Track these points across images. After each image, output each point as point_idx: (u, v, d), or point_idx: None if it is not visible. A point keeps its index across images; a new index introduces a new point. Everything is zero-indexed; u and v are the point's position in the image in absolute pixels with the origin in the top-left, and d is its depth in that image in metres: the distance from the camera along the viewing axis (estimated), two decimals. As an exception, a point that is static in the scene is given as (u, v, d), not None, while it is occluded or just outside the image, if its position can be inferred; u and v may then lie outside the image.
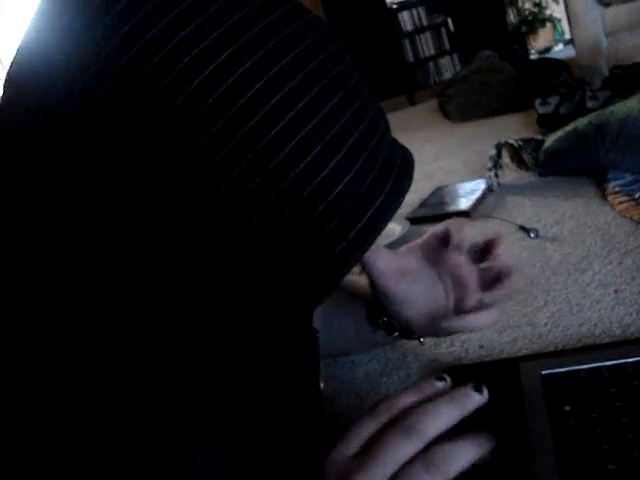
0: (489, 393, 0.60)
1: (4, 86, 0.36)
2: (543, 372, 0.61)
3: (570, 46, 3.88)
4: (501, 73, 2.21)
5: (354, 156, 0.35)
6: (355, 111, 0.36)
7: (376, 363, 0.75)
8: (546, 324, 0.73)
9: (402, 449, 0.44)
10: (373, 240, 0.36)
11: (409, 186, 0.39)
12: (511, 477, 0.49)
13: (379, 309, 0.67)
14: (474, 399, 0.49)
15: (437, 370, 0.70)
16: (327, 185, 0.34)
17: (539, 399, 0.58)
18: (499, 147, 1.31)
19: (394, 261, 0.63)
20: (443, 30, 3.75)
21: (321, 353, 0.65)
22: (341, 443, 0.46)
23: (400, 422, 0.46)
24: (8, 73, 0.36)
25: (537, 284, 0.84)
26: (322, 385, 0.64)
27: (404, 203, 1.25)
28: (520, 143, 1.29)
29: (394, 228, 1.23)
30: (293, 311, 0.36)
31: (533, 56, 3.38)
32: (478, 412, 0.58)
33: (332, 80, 0.35)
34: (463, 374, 0.67)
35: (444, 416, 0.47)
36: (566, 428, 0.53)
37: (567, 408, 0.55)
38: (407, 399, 0.50)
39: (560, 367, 0.61)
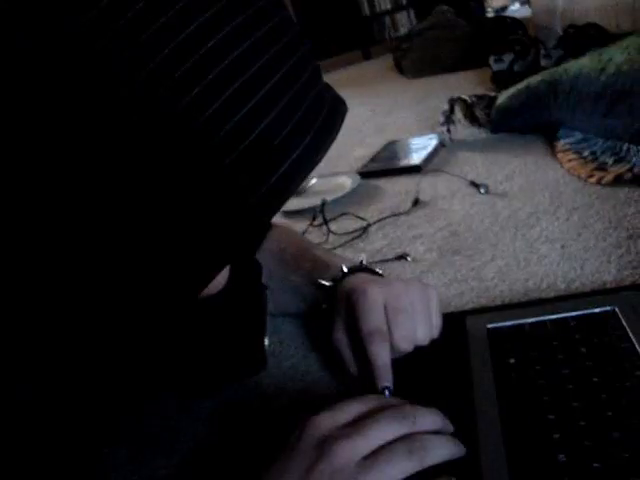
0: (436, 345, 0.60)
1: None
2: (489, 325, 0.61)
3: (527, 6, 3.88)
4: (456, 29, 2.19)
5: (273, 98, 0.33)
6: (277, 53, 0.34)
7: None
8: (493, 278, 0.73)
9: (391, 429, 0.46)
10: (294, 188, 0.35)
11: (333, 138, 0.37)
12: (456, 428, 0.49)
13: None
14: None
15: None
16: (246, 125, 0.32)
17: (484, 352, 0.58)
18: (452, 103, 1.30)
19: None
20: (400, -17, 3.71)
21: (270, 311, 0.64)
22: (328, 411, 0.47)
23: (394, 408, 0.48)
24: None
25: (485, 239, 0.84)
26: (267, 341, 0.63)
27: (356, 157, 1.24)
28: (473, 99, 1.28)
29: (345, 182, 1.22)
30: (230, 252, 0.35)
31: (489, 14, 3.37)
32: (426, 365, 0.58)
33: (251, 18, 0.33)
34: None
35: (436, 421, 0.49)
36: (509, 380, 0.53)
37: (511, 361, 0.55)
38: (396, 400, 0.52)
39: (505, 321, 0.61)
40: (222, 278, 0.41)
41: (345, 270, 0.66)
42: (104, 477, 0.54)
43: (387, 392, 0.54)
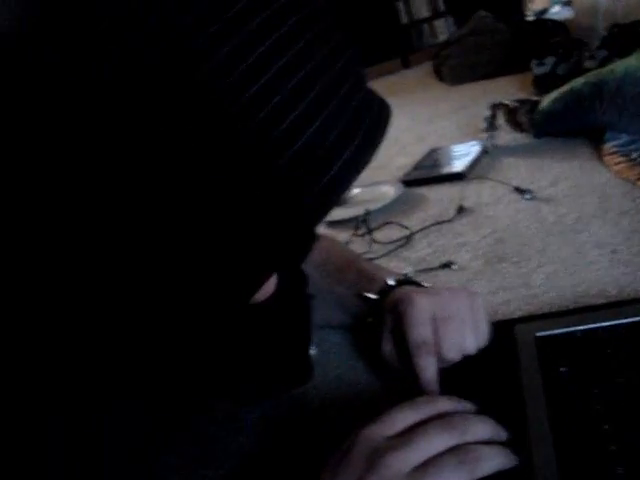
0: (483, 355, 0.59)
1: None
2: (537, 334, 0.60)
3: (568, 7, 3.82)
4: (496, 34, 2.17)
5: (322, 101, 0.33)
6: (325, 56, 0.34)
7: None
8: (541, 285, 0.72)
9: (441, 440, 0.46)
10: (342, 191, 0.34)
11: (380, 140, 0.37)
12: (507, 443, 0.49)
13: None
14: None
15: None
16: (296, 128, 0.32)
17: (533, 361, 0.57)
18: (494, 108, 1.28)
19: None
20: (438, -9, 3.68)
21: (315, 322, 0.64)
22: (377, 422, 0.47)
23: (443, 418, 0.48)
24: None
25: (532, 245, 0.82)
26: (313, 350, 0.64)
27: (398, 165, 1.24)
28: (515, 104, 1.27)
29: (388, 191, 1.21)
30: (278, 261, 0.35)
31: (530, 18, 3.33)
32: (474, 374, 0.57)
33: (296, 24, 0.33)
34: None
35: (487, 429, 0.48)
36: (560, 390, 0.52)
37: (562, 370, 0.54)
38: (448, 403, 0.51)
39: (555, 329, 0.60)
40: (271, 284, 0.41)
41: (391, 283, 0.66)
42: None
43: None
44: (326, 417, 0.60)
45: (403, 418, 0.48)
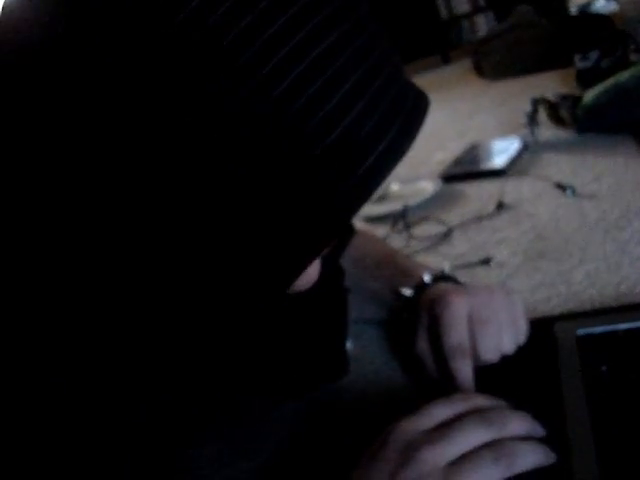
0: (523, 352, 0.58)
1: None
2: (578, 332, 0.59)
3: (613, 0, 3.74)
4: (538, 29, 2.13)
5: (358, 91, 0.33)
6: (361, 46, 0.34)
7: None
8: (582, 282, 0.70)
9: (477, 435, 0.45)
10: (379, 182, 0.34)
11: (417, 131, 0.37)
12: (545, 439, 0.48)
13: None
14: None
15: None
16: (332, 117, 0.32)
17: (574, 360, 0.56)
18: (535, 103, 1.26)
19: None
20: (479, -15, 3.64)
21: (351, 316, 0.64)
22: (413, 416, 0.47)
23: (481, 413, 0.48)
24: None
25: (573, 242, 0.81)
26: (349, 345, 0.64)
27: (437, 161, 1.23)
28: (557, 99, 1.24)
29: (426, 186, 1.20)
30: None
31: (573, 11, 3.26)
32: (512, 373, 0.57)
33: (330, 15, 0.33)
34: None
35: (524, 425, 0.48)
36: (601, 389, 0.51)
37: (603, 369, 0.53)
38: (484, 399, 0.51)
39: (596, 326, 0.59)
40: (315, 272, 0.41)
41: (427, 280, 0.65)
42: (186, 477, 0.56)
43: None
44: (361, 412, 0.60)
45: (439, 412, 0.48)
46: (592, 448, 0.45)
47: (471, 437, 0.45)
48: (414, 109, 0.37)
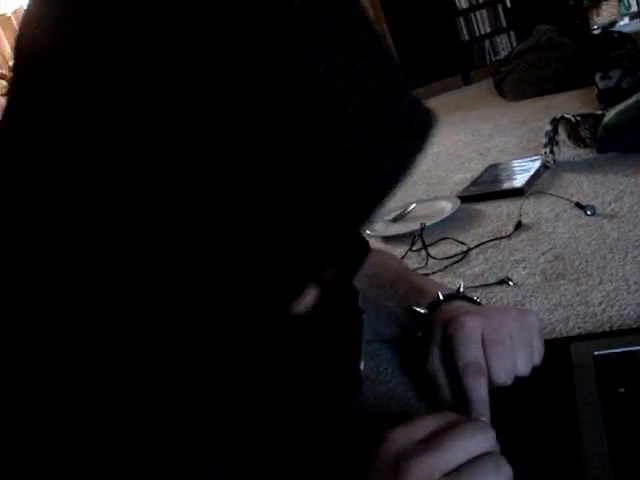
0: (539, 373, 0.57)
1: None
2: (596, 352, 0.58)
3: (637, 20, 3.71)
4: (560, 48, 2.13)
5: (368, 106, 0.34)
6: (368, 65, 0.35)
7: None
8: (601, 303, 0.69)
9: (476, 443, 0.43)
10: (389, 192, 0.35)
11: (423, 147, 0.37)
12: (560, 462, 0.47)
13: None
14: None
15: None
16: (341, 131, 0.32)
17: (591, 380, 0.55)
18: (555, 123, 1.26)
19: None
20: (499, 6, 3.63)
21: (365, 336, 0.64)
22: (404, 427, 0.45)
23: (474, 422, 0.46)
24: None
25: (592, 262, 0.80)
26: (363, 365, 0.63)
27: (456, 181, 1.22)
28: (578, 118, 1.24)
29: (445, 206, 1.20)
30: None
31: (596, 31, 3.25)
32: (528, 394, 0.56)
33: (341, 33, 0.34)
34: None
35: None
36: (619, 411, 0.50)
37: (621, 390, 0.52)
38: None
39: (614, 347, 0.58)
40: (310, 297, 0.41)
41: (442, 297, 0.65)
42: None
43: None
44: (375, 432, 0.59)
45: (431, 423, 0.45)
46: (609, 470, 0.44)
47: (471, 445, 0.43)
48: (421, 126, 0.37)
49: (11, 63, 3.70)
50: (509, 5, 3.64)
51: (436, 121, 0.39)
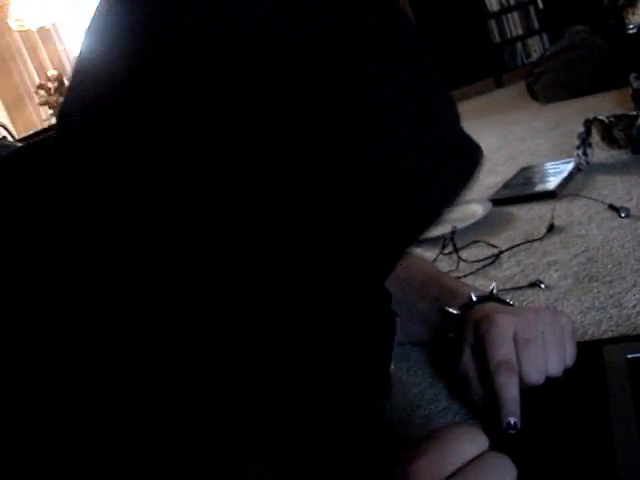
0: (571, 375, 0.57)
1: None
2: (629, 355, 0.57)
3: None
4: (593, 49, 2.10)
5: (413, 139, 0.33)
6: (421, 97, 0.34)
7: (451, 345, 0.73)
8: (635, 306, 0.69)
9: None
10: (427, 225, 0.35)
11: (470, 179, 0.37)
12: (592, 465, 0.46)
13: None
14: None
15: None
16: (388, 164, 0.32)
17: (624, 384, 0.54)
18: (588, 124, 1.24)
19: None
20: (532, 8, 3.60)
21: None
22: (430, 454, 0.40)
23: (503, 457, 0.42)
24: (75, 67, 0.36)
25: (626, 265, 0.79)
26: (393, 367, 0.63)
27: (487, 184, 1.21)
28: (611, 119, 1.22)
29: (476, 209, 1.19)
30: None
31: (631, 30, 3.20)
32: (559, 396, 0.55)
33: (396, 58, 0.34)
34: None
35: None
36: (652, 414, 0.49)
37: (654, 393, 0.51)
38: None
39: (648, 350, 0.57)
40: None
41: (474, 299, 0.65)
42: None
43: (512, 425, 0.52)
44: (405, 434, 0.60)
45: (461, 451, 0.40)
46: (642, 476, 0.44)
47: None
48: (467, 159, 0.37)
49: (50, 74, 3.79)
50: (541, 6, 3.61)
51: (482, 156, 0.39)
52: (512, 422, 0.52)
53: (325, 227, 0.32)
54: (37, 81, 4.05)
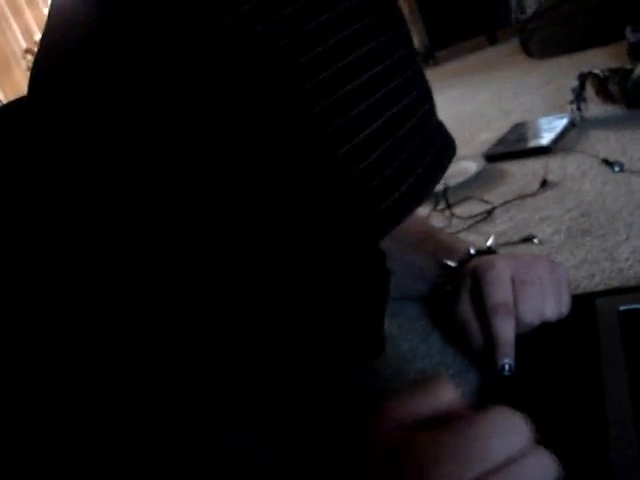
0: (564, 327, 0.57)
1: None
2: (621, 307, 0.57)
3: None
4: (587, 1, 2.06)
5: (387, 130, 0.33)
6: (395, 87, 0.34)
7: (444, 300, 0.72)
8: (627, 259, 0.68)
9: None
10: (400, 218, 0.35)
11: (439, 178, 0.37)
12: (583, 416, 0.47)
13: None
14: None
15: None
16: (361, 151, 0.32)
17: (616, 336, 0.54)
18: (582, 78, 1.23)
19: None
20: (527, -38, 3.55)
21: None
22: (458, 454, 0.32)
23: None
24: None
25: (619, 218, 0.78)
26: (386, 324, 0.63)
27: (481, 141, 1.20)
28: (606, 73, 1.20)
29: (469, 166, 1.18)
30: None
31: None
32: (552, 346, 0.56)
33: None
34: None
35: None
36: (644, 365, 0.49)
37: (646, 344, 0.51)
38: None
39: (639, 303, 0.57)
40: None
41: (472, 252, 0.64)
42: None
43: (507, 368, 0.52)
44: (397, 388, 0.59)
45: (498, 448, 0.33)
46: (631, 425, 0.44)
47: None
48: (439, 155, 0.37)
49: (37, 38, 3.72)
50: (537, -40, 3.54)
51: (454, 152, 0.39)
52: (507, 364, 0.53)
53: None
54: (24, 46, 3.97)
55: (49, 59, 0.34)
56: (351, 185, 0.32)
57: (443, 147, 0.38)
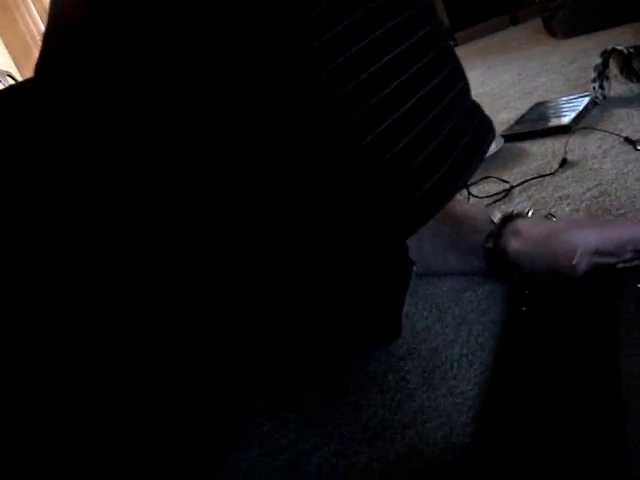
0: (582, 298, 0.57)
1: None
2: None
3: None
4: (613, -21, 2.02)
5: (417, 115, 0.32)
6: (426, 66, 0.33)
7: (460, 278, 0.71)
8: (648, 237, 0.67)
9: None
10: (436, 210, 0.33)
11: (475, 166, 0.36)
12: (598, 395, 0.46)
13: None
14: None
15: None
16: (387, 139, 0.31)
17: (636, 310, 0.53)
18: (606, 56, 1.20)
19: None
20: (550, -60, 3.48)
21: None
22: None
23: None
24: None
25: (640, 197, 0.77)
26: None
27: (500, 120, 1.18)
28: (631, 50, 1.18)
29: (487, 146, 1.16)
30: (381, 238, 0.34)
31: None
32: (571, 321, 0.55)
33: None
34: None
35: None
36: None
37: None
38: None
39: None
40: None
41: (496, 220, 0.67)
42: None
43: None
44: (412, 366, 0.59)
45: None
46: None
47: None
48: (476, 142, 0.36)
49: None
50: (559, -62, 3.47)
51: (493, 136, 0.38)
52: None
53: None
54: (42, 28, 3.99)
55: (55, 38, 0.34)
56: (382, 172, 0.31)
57: (480, 128, 0.37)
